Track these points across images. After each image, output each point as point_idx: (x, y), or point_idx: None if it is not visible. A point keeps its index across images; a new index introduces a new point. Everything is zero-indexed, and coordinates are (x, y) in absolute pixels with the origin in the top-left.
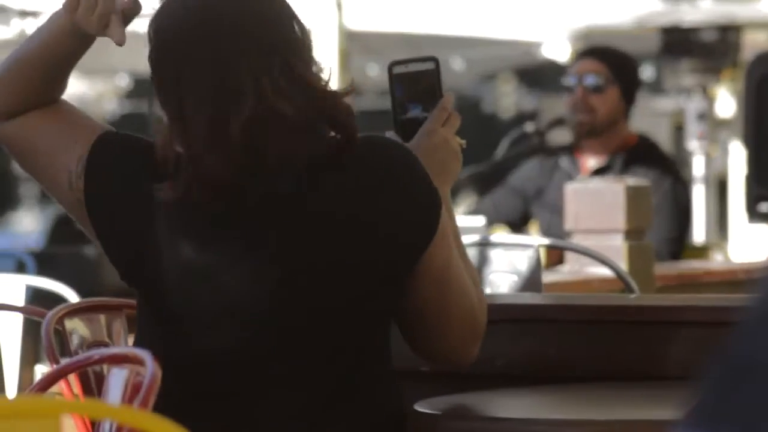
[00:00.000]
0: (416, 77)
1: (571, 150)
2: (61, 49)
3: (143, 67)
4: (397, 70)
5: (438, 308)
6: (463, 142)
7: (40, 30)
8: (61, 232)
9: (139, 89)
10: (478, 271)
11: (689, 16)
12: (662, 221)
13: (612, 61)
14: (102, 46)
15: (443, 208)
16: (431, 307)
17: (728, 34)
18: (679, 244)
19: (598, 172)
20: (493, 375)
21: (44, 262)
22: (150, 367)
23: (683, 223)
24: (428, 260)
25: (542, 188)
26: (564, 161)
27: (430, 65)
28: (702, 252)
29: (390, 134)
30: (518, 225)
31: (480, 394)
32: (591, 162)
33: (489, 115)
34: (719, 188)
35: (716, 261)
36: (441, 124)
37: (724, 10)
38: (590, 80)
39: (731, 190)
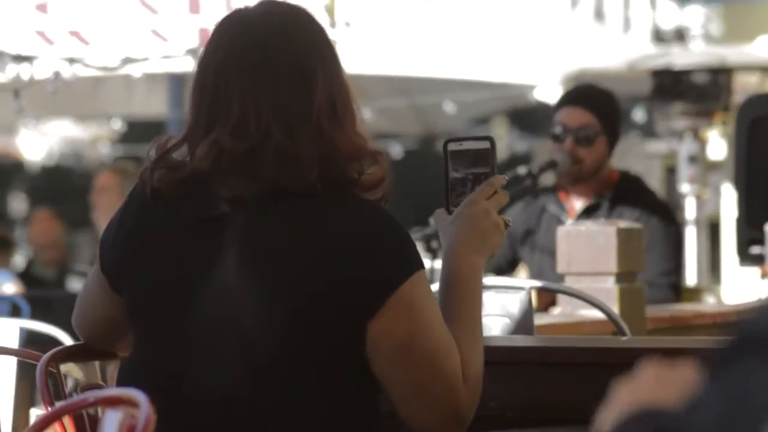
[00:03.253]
0: (470, 154)
1: (555, 191)
2: None
3: (137, 110)
4: (452, 147)
5: (400, 382)
6: (509, 219)
7: None
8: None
9: (132, 133)
10: None
11: (680, 59)
12: (656, 256)
13: (601, 110)
14: (95, 91)
15: (412, 284)
16: (392, 379)
17: (719, 76)
18: (677, 276)
19: (586, 213)
20: (486, 416)
21: (38, 305)
22: (145, 409)
23: (677, 255)
24: (379, 328)
25: (531, 231)
26: (551, 204)
27: (485, 144)
28: (694, 295)
29: (439, 210)
30: (505, 271)
31: None
32: (577, 204)
33: None
34: (711, 231)
35: (708, 304)
36: (485, 198)
37: (715, 53)
38: (581, 133)
39: (723, 233)
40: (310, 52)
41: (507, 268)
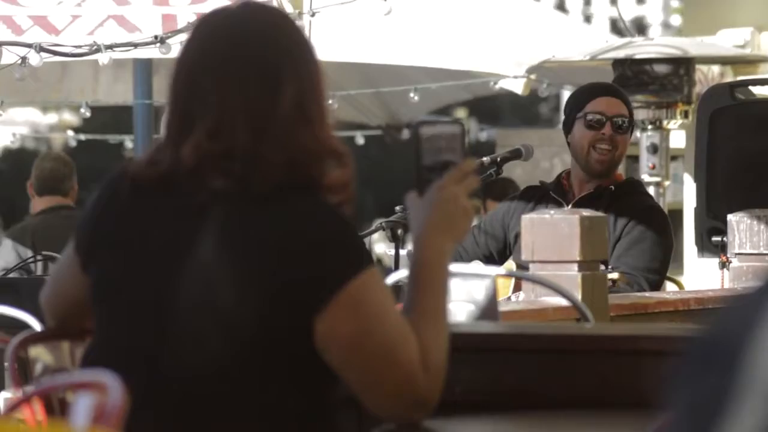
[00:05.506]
0: (441, 139)
1: (560, 185)
2: None
3: (102, 97)
4: (424, 129)
5: (355, 375)
6: (478, 204)
7: None
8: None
9: (97, 119)
10: None
11: (642, 49)
12: (644, 252)
13: (629, 106)
14: (61, 77)
15: (360, 282)
16: (347, 373)
17: (681, 67)
18: (658, 276)
19: (585, 201)
20: (451, 402)
21: (6, 289)
22: (115, 393)
23: (664, 259)
24: (327, 326)
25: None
26: (554, 192)
27: (456, 128)
28: None
29: (411, 194)
30: (497, 262)
31: (438, 420)
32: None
33: None
34: (672, 220)
35: (669, 291)
36: (455, 182)
37: (677, 45)
38: (619, 120)
39: (685, 222)
40: (279, 53)
41: (498, 258)
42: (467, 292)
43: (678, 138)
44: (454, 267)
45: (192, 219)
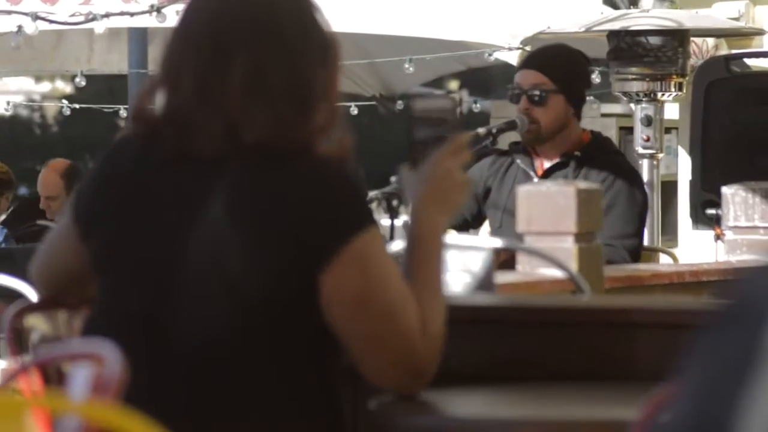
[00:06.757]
0: (435, 112)
1: (525, 150)
2: None
3: (97, 67)
4: (418, 103)
5: (356, 338)
6: (470, 180)
7: None
8: (17, 229)
9: (90, 88)
10: None
11: (637, 21)
12: (618, 218)
13: (554, 70)
14: (56, 46)
15: (365, 239)
16: (349, 335)
17: (675, 39)
18: (636, 240)
19: (552, 170)
20: (446, 373)
21: (2, 259)
22: (113, 363)
23: (639, 220)
24: (332, 282)
25: (492, 187)
26: (522, 162)
27: (450, 102)
28: (649, 254)
29: (405, 168)
30: (471, 225)
31: (433, 392)
32: (546, 164)
33: None
34: (665, 192)
35: (664, 263)
36: (448, 156)
37: (673, 17)
38: (532, 93)
39: (680, 195)
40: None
41: (473, 223)
42: (463, 263)
43: (672, 110)
44: (450, 239)
45: (200, 182)
